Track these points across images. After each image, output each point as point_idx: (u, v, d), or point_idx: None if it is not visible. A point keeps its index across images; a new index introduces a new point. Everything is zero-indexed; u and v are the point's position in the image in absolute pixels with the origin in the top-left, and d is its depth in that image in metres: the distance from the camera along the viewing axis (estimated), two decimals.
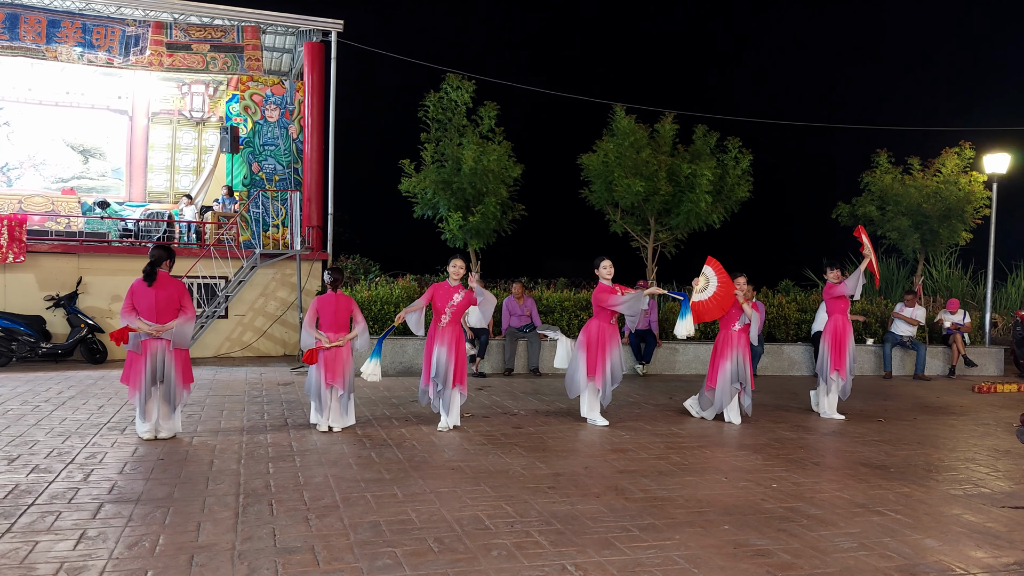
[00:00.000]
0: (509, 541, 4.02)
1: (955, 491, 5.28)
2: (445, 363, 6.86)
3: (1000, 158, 13.74)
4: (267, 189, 14.87)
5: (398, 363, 10.75)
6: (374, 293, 11.37)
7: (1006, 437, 7.33)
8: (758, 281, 13.16)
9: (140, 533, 4.02)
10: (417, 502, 4.67)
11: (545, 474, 5.44)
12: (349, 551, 3.82)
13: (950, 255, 18.10)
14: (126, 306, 6.19)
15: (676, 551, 3.95)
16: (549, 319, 11.65)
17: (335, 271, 7.02)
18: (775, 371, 12.07)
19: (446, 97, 11.96)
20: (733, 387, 7.66)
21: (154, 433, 6.25)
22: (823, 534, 4.27)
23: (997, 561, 3.93)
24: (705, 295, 7.57)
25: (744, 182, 12.93)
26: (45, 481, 4.96)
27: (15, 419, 6.97)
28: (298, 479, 5.14)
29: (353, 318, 6.93)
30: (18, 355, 11.00)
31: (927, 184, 13.61)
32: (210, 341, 12.78)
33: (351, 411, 6.90)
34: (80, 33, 13.65)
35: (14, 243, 11.63)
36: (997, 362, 13.25)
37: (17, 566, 3.55)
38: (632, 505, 4.73)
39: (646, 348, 11.35)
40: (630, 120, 12.52)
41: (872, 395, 10.01)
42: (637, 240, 13.25)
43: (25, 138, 14.89)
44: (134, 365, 6.23)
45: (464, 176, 11.61)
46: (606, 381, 7.33)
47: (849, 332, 8.18)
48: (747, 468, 5.80)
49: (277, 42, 15.83)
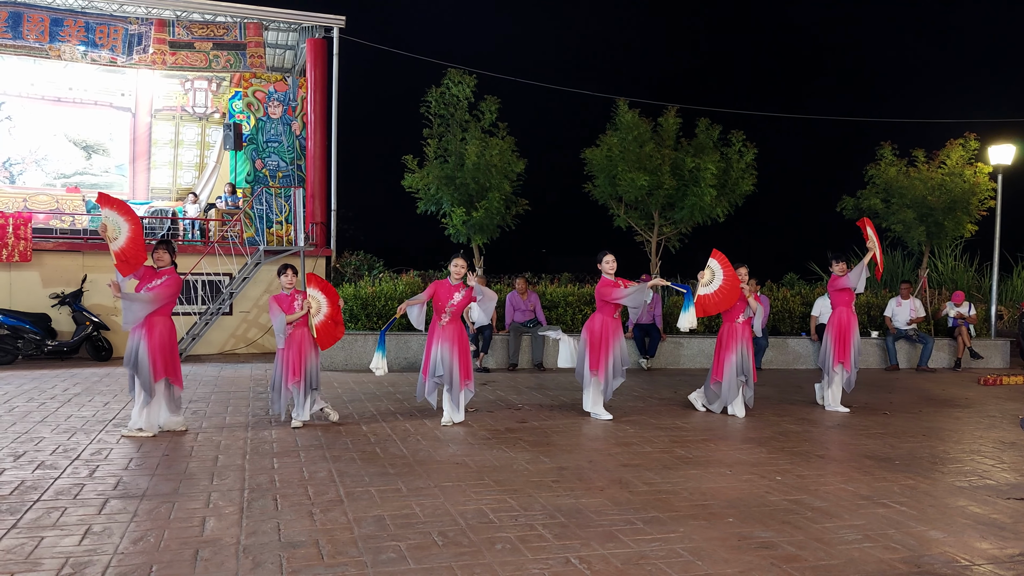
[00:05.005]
0: (513, 535, 4.02)
1: (960, 483, 5.27)
2: (449, 363, 6.88)
3: (1005, 149, 13.67)
4: (270, 186, 14.88)
5: (402, 358, 10.76)
6: (378, 289, 11.39)
7: (1011, 429, 7.31)
8: (762, 275, 13.14)
9: (145, 528, 4.03)
10: (421, 496, 4.68)
11: (549, 468, 5.44)
12: (353, 545, 3.83)
13: (955, 247, 18.02)
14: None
15: (680, 544, 3.94)
16: (553, 314, 11.65)
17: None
18: (779, 364, 12.05)
19: (448, 92, 11.95)
20: (738, 379, 7.66)
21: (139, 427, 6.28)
22: (827, 526, 4.26)
23: (1002, 552, 3.92)
24: (711, 288, 7.56)
25: (748, 176, 12.89)
26: (51, 477, 4.98)
27: (21, 416, 7.00)
28: (302, 474, 5.15)
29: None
30: (24, 353, 11.04)
31: (932, 176, 13.55)
32: (215, 338, 12.80)
33: (306, 408, 6.84)
34: (83, 32, 13.67)
35: (20, 242, 11.67)
36: (1003, 354, 13.21)
37: (23, 561, 3.57)
38: (636, 498, 4.72)
39: (650, 342, 11.33)
40: (633, 114, 12.50)
41: (877, 388, 9.99)
42: (641, 234, 13.23)
43: (27, 133, 14.91)
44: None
45: (467, 171, 11.60)
46: (608, 375, 7.33)
47: (853, 325, 8.15)
48: (751, 461, 5.79)
49: (279, 39, 15.84)
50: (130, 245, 6.35)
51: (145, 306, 6.24)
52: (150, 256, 6.49)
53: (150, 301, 6.25)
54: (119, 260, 6.32)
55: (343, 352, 10.59)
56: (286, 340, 6.74)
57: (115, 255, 6.33)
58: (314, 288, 6.92)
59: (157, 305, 6.28)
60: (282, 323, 6.70)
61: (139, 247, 6.39)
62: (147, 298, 6.24)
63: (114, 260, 6.34)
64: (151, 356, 6.21)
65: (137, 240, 6.38)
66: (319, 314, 6.87)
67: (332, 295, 6.98)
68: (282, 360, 6.76)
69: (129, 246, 6.35)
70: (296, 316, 6.76)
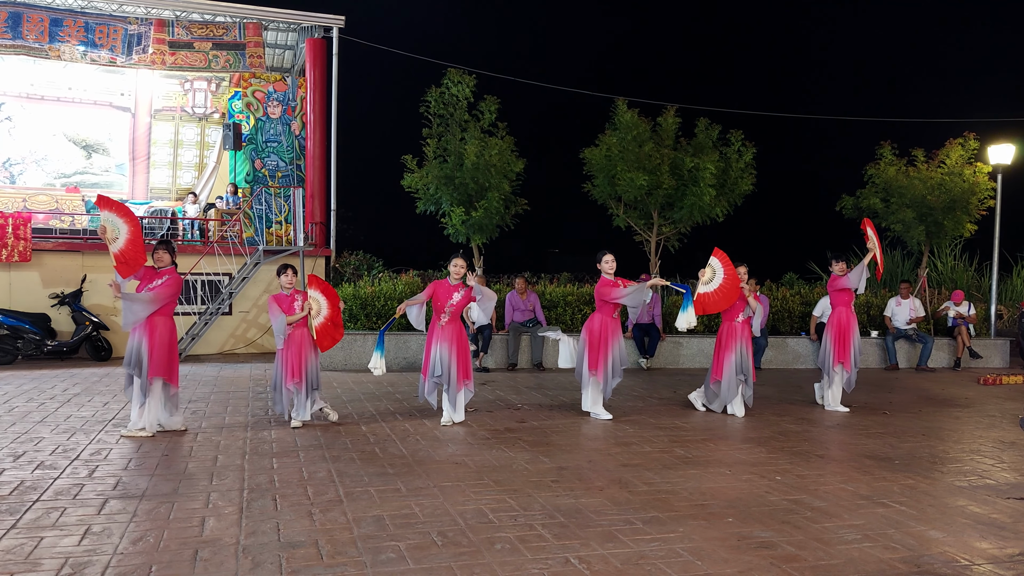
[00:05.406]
0: (513, 535, 4.02)
1: (960, 483, 5.27)
2: (448, 362, 6.88)
3: (1005, 149, 13.67)
4: (270, 185, 14.88)
5: (401, 358, 10.76)
6: (377, 289, 11.39)
7: (1011, 429, 7.31)
8: (762, 274, 13.14)
9: (145, 528, 4.03)
10: (420, 496, 4.68)
11: (548, 468, 5.44)
12: (352, 545, 3.83)
13: (955, 247, 18.02)
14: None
15: (680, 544, 3.94)
16: (552, 314, 11.65)
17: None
18: (779, 364, 12.05)
19: (447, 92, 11.95)
20: (737, 378, 7.66)
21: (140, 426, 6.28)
22: (827, 526, 4.26)
23: (1002, 552, 3.92)
24: (711, 287, 7.56)
25: (747, 175, 12.89)
26: (50, 477, 4.97)
27: (21, 416, 7.00)
28: (302, 474, 5.15)
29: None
30: (23, 353, 11.04)
31: (931, 176, 13.54)
32: (214, 338, 12.80)
33: (307, 408, 6.85)
34: (83, 32, 13.67)
35: (19, 242, 11.67)
36: (1002, 354, 13.21)
37: (22, 561, 3.56)
38: (636, 498, 4.72)
39: (650, 342, 11.33)
40: (632, 114, 12.49)
41: (877, 387, 9.99)
42: (640, 234, 13.22)
43: (27, 133, 14.92)
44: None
45: (466, 171, 11.60)
46: (607, 375, 7.33)
47: (853, 325, 8.15)
48: (751, 461, 5.79)
49: (279, 39, 15.84)
50: (129, 247, 6.35)
51: (146, 306, 6.23)
52: (150, 257, 6.50)
53: (151, 301, 6.25)
54: (119, 262, 6.32)
55: (342, 352, 10.59)
56: (285, 341, 6.74)
57: (115, 257, 6.33)
58: (315, 289, 6.92)
59: (158, 305, 6.28)
60: (282, 324, 6.70)
61: (138, 249, 6.39)
62: (148, 298, 6.24)
63: (114, 262, 6.34)
64: (151, 356, 6.21)
65: (136, 242, 6.38)
66: (319, 316, 6.87)
67: (332, 297, 6.98)
68: (282, 360, 6.76)
69: (128, 248, 6.35)
70: (296, 317, 6.76)
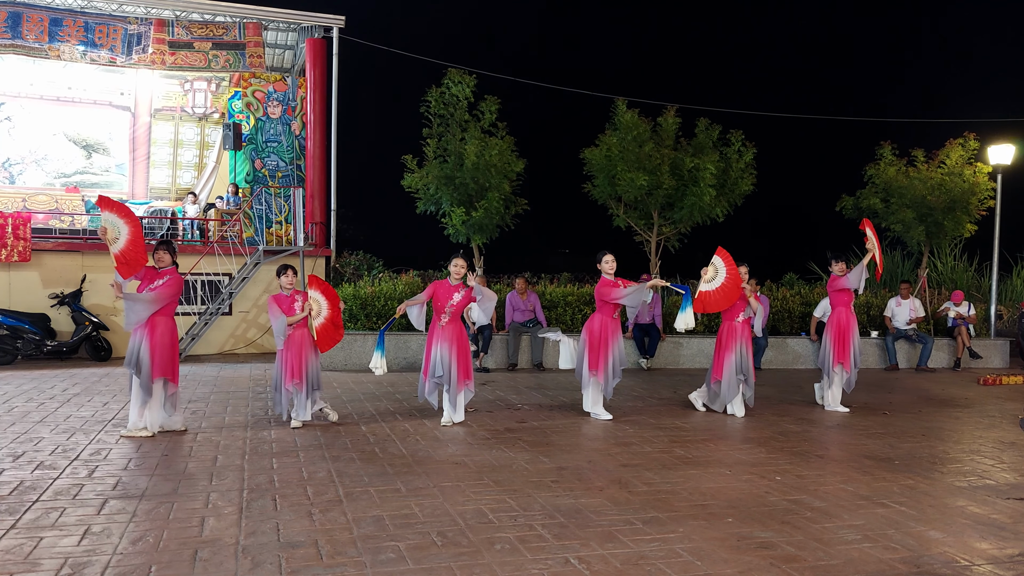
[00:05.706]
0: (512, 535, 4.02)
1: (960, 483, 5.27)
2: (448, 363, 6.88)
3: (1005, 149, 13.66)
4: (270, 186, 14.88)
5: (402, 358, 10.76)
6: (377, 289, 11.39)
7: (1011, 429, 7.31)
8: (762, 275, 13.13)
9: (144, 528, 4.03)
10: (420, 496, 4.67)
11: (548, 468, 5.44)
12: (352, 545, 3.82)
13: (955, 247, 18.01)
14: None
15: (680, 544, 3.94)
16: (552, 314, 11.64)
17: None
18: (779, 364, 12.05)
19: (447, 92, 11.95)
20: (737, 378, 7.66)
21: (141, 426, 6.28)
22: (827, 526, 4.26)
23: (1002, 552, 3.92)
24: (713, 285, 7.55)
25: (748, 175, 12.89)
26: (50, 477, 4.97)
27: (20, 416, 7.00)
28: (301, 474, 5.15)
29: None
30: (23, 353, 11.04)
31: (931, 176, 13.54)
32: (214, 338, 12.80)
33: (307, 409, 6.85)
34: (82, 32, 13.66)
35: (19, 242, 11.67)
36: (1002, 354, 13.21)
37: (22, 561, 3.56)
38: (635, 498, 4.72)
39: (650, 342, 11.33)
40: (632, 114, 12.49)
41: (876, 388, 9.98)
42: (640, 234, 13.22)
43: (26, 133, 14.92)
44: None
45: (466, 171, 11.60)
46: (608, 375, 7.33)
47: (853, 325, 8.15)
48: (751, 461, 5.79)
49: (279, 39, 15.84)
50: (130, 247, 6.35)
51: (147, 306, 6.24)
52: (151, 257, 6.50)
53: (152, 301, 6.25)
54: (119, 262, 6.32)
55: (342, 352, 10.58)
56: (286, 341, 6.74)
57: (116, 257, 6.33)
58: (315, 290, 6.92)
59: (159, 305, 6.29)
60: (282, 324, 6.70)
61: (139, 249, 6.39)
62: (149, 298, 6.25)
63: (115, 263, 6.34)
64: (151, 356, 6.21)
65: (137, 242, 6.38)
66: (319, 316, 6.87)
67: (333, 298, 6.98)
68: (282, 361, 6.76)
69: (129, 248, 6.35)
70: (297, 318, 6.76)
